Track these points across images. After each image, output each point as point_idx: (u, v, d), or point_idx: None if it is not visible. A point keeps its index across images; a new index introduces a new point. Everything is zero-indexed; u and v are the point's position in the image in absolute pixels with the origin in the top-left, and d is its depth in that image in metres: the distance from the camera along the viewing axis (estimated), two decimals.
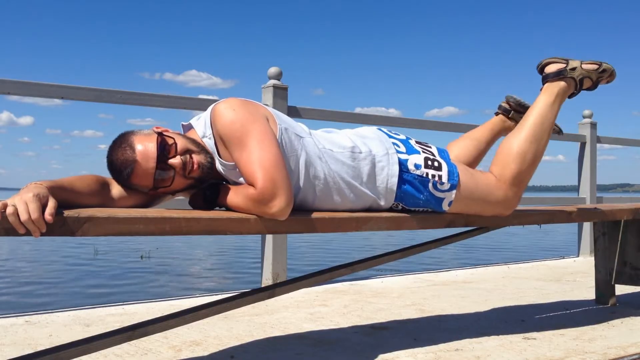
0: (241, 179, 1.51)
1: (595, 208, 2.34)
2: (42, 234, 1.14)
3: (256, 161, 1.43)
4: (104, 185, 1.46)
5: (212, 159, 1.52)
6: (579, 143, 5.05)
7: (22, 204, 1.13)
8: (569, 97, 2.01)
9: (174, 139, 1.49)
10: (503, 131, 2.19)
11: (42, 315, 2.37)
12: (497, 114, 2.20)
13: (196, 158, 1.49)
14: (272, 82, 3.29)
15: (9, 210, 1.11)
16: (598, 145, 5.09)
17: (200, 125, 1.57)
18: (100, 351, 1.51)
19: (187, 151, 1.49)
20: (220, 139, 1.50)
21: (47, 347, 1.41)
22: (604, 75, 1.98)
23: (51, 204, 1.16)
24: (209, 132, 1.53)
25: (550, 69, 1.97)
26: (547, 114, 1.91)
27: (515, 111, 2.16)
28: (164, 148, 1.46)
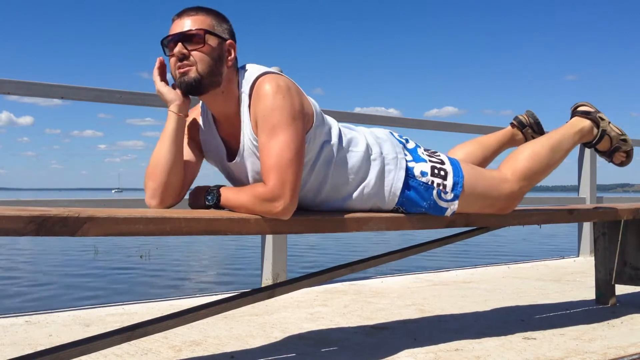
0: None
1: (595, 208, 2.34)
2: (42, 234, 1.14)
3: (275, 157, 1.43)
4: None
5: (198, 82, 1.49)
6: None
7: None
8: (584, 144, 2.11)
9: (195, 58, 1.48)
10: (510, 143, 2.22)
11: (42, 315, 2.37)
12: (512, 124, 2.22)
13: (189, 69, 1.49)
14: None
15: None
16: None
17: (245, 80, 1.54)
18: (100, 351, 1.51)
19: (185, 57, 1.48)
20: (255, 115, 1.49)
21: (47, 347, 1.41)
22: (622, 146, 2.09)
23: None
24: (247, 90, 1.52)
25: (582, 109, 2.10)
26: (567, 139, 2.01)
27: (530, 127, 2.19)
28: (188, 35, 1.48)
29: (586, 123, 2.06)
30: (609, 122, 2.08)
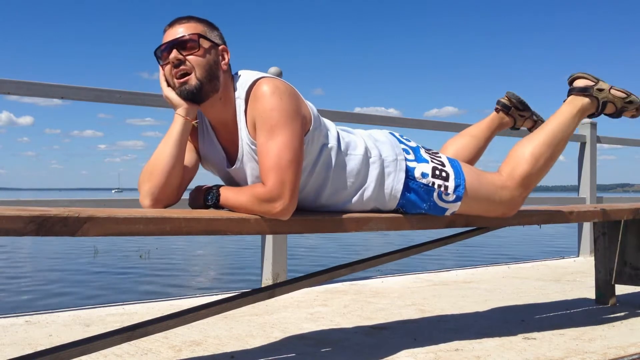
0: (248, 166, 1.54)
1: (595, 208, 2.34)
2: (42, 234, 1.14)
3: (274, 157, 1.43)
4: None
5: (199, 90, 1.50)
6: (579, 143, 5.05)
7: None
8: (589, 116, 2.06)
9: (191, 63, 1.49)
10: (500, 127, 2.22)
11: (42, 315, 2.37)
12: (496, 109, 2.21)
13: (188, 78, 1.49)
14: None
15: None
16: (598, 145, 5.09)
17: (240, 85, 1.54)
18: (100, 351, 1.51)
19: (181, 62, 1.49)
20: (252, 117, 1.49)
21: (47, 347, 1.41)
22: (629, 106, 2.01)
23: None
24: (243, 95, 1.52)
25: (579, 83, 2.02)
26: (567, 124, 1.95)
27: (515, 108, 2.18)
28: (182, 40, 1.49)
29: (585, 100, 1.99)
30: (610, 88, 1.99)
